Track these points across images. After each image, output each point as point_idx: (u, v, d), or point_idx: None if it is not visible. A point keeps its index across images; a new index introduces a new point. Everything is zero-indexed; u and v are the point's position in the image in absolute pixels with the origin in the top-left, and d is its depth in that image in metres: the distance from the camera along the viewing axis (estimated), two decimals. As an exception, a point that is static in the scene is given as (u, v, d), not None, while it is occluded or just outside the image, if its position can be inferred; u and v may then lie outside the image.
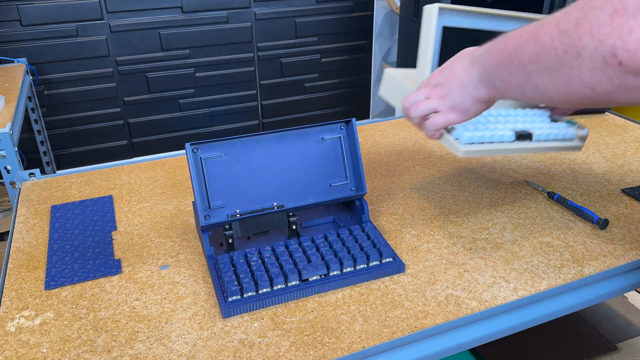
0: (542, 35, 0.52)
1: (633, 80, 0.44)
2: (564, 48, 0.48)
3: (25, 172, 1.01)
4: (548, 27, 0.51)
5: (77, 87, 2.17)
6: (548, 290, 0.68)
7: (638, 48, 0.41)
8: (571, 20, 0.48)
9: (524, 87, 0.56)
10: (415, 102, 0.71)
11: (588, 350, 1.12)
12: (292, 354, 0.59)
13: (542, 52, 0.52)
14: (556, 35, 0.49)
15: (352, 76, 2.59)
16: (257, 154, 0.74)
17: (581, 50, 0.46)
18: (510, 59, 0.57)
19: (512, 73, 0.57)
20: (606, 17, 0.43)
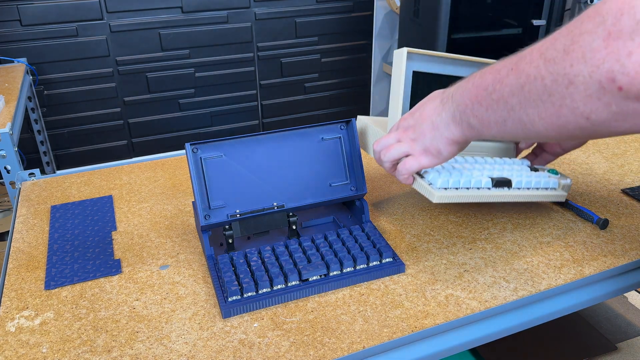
0: (524, 67, 0.49)
1: (633, 105, 0.41)
2: (552, 77, 0.46)
3: (25, 172, 1.01)
4: (531, 58, 0.49)
5: (77, 87, 2.17)
6: (548, 290, 0.68)
7: (639, 71, 0.39)
8: (558, 47, 0.45)
9: (506, 122, 0.53)
10: (386, 145, 0.69)
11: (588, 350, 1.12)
12: (292, 354, 0.59)
13: (526, 84, 0.49)
14: (542, 65, 0.47)
15: (352, 76, 2.59)
16: (257, 154, 0.74)
17: (573, 78, 0.44)
18: (488, 94, 0.54)
19: (490, 109, 0.55)
20: (600, 41, 0.41)
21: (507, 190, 0.76)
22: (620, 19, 0.40)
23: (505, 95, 0.52)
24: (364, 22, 2.48)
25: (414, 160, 0.67)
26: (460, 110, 0.59)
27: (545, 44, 0.48)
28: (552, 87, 0.46)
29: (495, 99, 0.53)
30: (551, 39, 0.47)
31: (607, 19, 0.41)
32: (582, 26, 0.43)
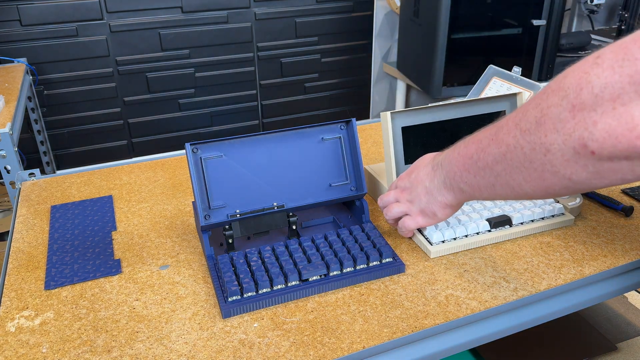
0: (503, 137, 0.53)
1: (607, 164, 0.44)
2: (530, 146, 0.49)
3: (25, 172, 1.01)
4: (508, 128, 0.52)
5: (77, 87, 2.16)
6: (548, 290, 0.68)
7: (606, 137, 0.42)
8: (530, 119, 0.49)
9: (495, 186, 0.56)
10: (387, 204, 0.75)
11: (588, 350, 1.12)
12: (292, 354, 0.59)
13: (507, 152, 0.52)
14: (519, 135, 0.50)
15: (352, 76, 2.59)
16: (257, 154, 0.74)
17: (549, 146, 0.47)
18: (474, 162, 0.58)
19: (478, 175, 0.58)
20: (566, 113, 0.45)
21: (508, 229, 0.77)
22: (580, 93, 0.43)
23: (489, 163, 0.55)
24: (364, 22, 2.48)
25: (411, 220, 0.72)
26: (450, 177, 0.63)
27: (519, 115, 0.51)
28: (532, 155, 0.49)
29: (481, 166, 0.57)
30: (523, 111, 0.51)
31: (569, 93, 0.45)
32: (548, 99, 0.47)
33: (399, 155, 0.80)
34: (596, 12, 2.25)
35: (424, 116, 0.81)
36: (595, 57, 0.43)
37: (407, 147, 0.81)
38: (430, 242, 0.75)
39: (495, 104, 0.84)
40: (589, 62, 0.44)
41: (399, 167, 0.81)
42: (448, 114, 0.82)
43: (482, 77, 1.10)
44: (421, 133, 0.81)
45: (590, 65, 0.44)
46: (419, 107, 0.80)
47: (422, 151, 0.81)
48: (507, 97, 0.84)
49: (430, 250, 0.74)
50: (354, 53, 2.54)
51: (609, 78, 0.42)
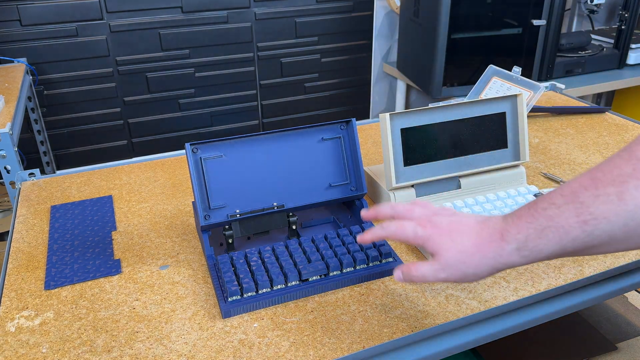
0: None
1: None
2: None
3: (25, 172, 1.01)
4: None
5: (77, 87, 2.16)
6: (548, 290, 0.68)
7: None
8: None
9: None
10: (401, 214, 0.59)
11: (588, 350, 1.12)
12: (292, 354, 0.59)
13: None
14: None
15: (352, 76, 2.59)
16: (257, 154, 0.74)
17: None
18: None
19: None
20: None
21: None
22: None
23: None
24: (364, 22, 2.48)
25: (429, 268, 0.54)
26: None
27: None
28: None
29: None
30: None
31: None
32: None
33: (397, 157, 0.80)
34: (596, 12, 2.25)
35: (423, 118, 0.81)
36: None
37: (406, 148, 0.81)
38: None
39: (495, 105, 0.84)
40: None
41: (398, 169, 0.81)
42: (447, 116, 0.82)
43: (482, 77, 1.10)
44: (420, 135, 0.81)
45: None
46: (418, 109, 0.80)
47: (422, 153, 0.81)
48: (507, 99, 0.84)
49: None
50: (354, 53, 2.53)
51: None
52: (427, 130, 0.81)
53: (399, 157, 0.81)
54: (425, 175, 0.82)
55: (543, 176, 0.96)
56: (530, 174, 0.97)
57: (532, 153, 1.05)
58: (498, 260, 0.50)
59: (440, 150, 0.82)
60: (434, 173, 0.83)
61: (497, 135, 0.85)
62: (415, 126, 0.80)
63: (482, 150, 0.85)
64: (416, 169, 0.82)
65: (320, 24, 2.42)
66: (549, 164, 1.00)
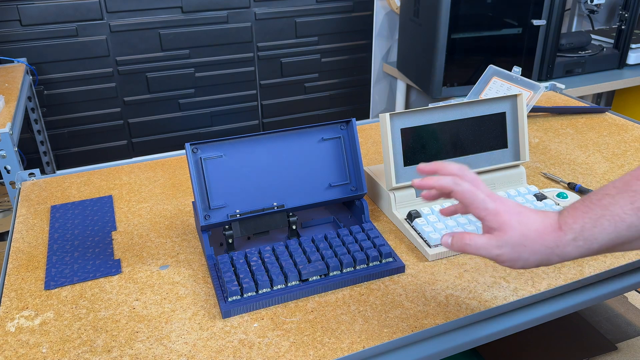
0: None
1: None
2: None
3: (25, 172, 1.01)
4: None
5: (77, 87, 2.16)
6: (548, 290, 0.68)
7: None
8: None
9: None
10: (474, 190, 0.56)
11: (588, 350, 1.12)
12: (292, 354, 0.59)
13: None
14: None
15: (352, 76, 2.59)
16: (257, 154, 0.74)
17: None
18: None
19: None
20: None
21: None
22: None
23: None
24: (364, 22, 2.48)
25: (487, 245, 0.54)
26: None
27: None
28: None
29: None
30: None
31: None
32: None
33: (397, 156, 0.80)
34: (596, 12, 2.25)
35: (423, 118, 0.81)
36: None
37: (406, 148, 0.81)
38: (429, 245, 0.75)
39: (495, 106, 0.84)
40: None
41: (398, 169, 0.81)
42: (447, 116, 0.82)
43: (482, 77, 1.10)
44: (420, 135, 0.81)
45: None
46: (418, 109, 0.80)
47: (421, 153, 0.81)
48: (507, 99, 0.84)
49: (428, 253, 0.74)
50: (354, 53, 2.53)
51: None
52: (427, 130, 0.81)
53: (399, 157, 0.81)
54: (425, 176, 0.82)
55: (543, 176, 0.96)
56: (530, 174, 0.97)
57: (532, 153, 1.05)
58: (554, 251, 0.51)
59: (440, 150, 0.82)
60: None
61: (497, 135, 0.85)
62: (415, 126, 0.80)
63: (482, 150, 0.85)
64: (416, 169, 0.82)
65: (320, 24, 2.42)
66: (549, 164, 1.00)
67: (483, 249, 0.54)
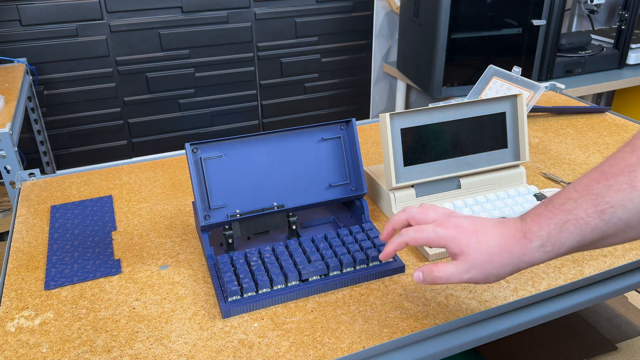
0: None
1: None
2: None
3: (25, 172, 1.01)
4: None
5: (77, 87, 2.16)
6: (548, 290, 0.68)
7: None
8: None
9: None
10: (418, 219, 0.59)
11: (588, 350, 1.12)
12: (292, 354, 0.59)
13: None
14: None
15: (352, 76, 2.59)
16: (257, 154, 0.74)
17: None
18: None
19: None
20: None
21: None
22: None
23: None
24: (364, 22, 2.48)
25: (452, 269, 0.54)
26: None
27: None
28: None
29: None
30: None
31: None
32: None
33: (397, 157, 0.81)
34: (596, 12, 2.25)
35: (423, 118, 0.81)
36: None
37: (406, 148, 0.81)
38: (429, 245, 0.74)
39: (495, 106, 0.84)
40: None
41: (398, 169, 0.81)
42: (447, 116, 0.82)
43: (482, 77, 1.10)
44: (420, 135, 0.81)
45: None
46: (418, 109, 0.80)
47: (421, 153, 0.81)
48: (507, 99, 0.84)
49: (428, 253, 0.74)
50: (354, 53, 2.53)
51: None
52: (427, 130, 0.81)
53: (399, 157, 0.81)
54: (425, 175, 0.82)
55: (543, 176, 0.96)
56: (530, 174, 0.97)
57: (532, 153, 1.05)
58: (522, 259, 0.51)
59: (440, 150, 0.82)
60: (434, 173, 0.83)
61: (497, 135, 0.85)
62: (415, 126, 0.80)
63: (482, 150, 0.85)
64: (416, 169, 0.82)
65: (320, 24, 2.42)
66: (549, 164, 1.00)
67: (453, 276, 0.54)
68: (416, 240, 0.57)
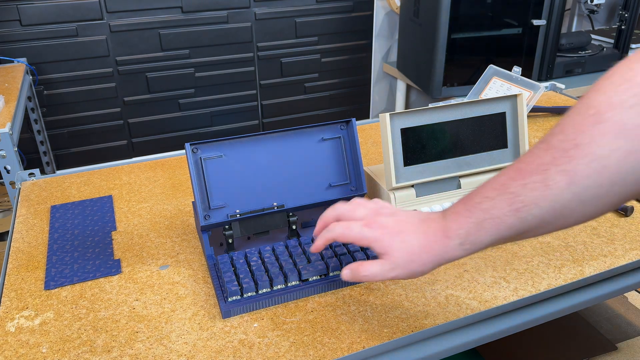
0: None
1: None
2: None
3: (25, 172, 1.01)
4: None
5: (77, 87, 2.16)
6: (548, 290, 0.68)
7: None
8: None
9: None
10: (348, 216, 0.60)
11: (588, 350, 1.12)
12: (292, 354, 0.59)
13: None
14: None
15: (352, 76, 2.59)
16: (257, 154, 0.74)
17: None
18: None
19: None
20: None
21: None
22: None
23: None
24: (364, 22, 2.48)
25: (377, 267, 0.56)
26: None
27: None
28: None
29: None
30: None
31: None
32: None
33: (397, 157, 0.81)
34: (596, 12, 2.25)
35: (423, 118, 0.81)
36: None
37: (406, 148, 0.81)
38: None
39: (495, 106, 0.84)
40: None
41: (398, 169, 0.81)
42: (447, 116, 0.82)
43: (482, 77, 1.10)
44: (420, 135, 0.81)
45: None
46: (418, 109, 0.80)
47: (421, 152, 0.81)
48: (507, 99, 0.84)
49: None
50: (354, 53, 2.54)
51: None
52: (427, 130, 0.81)
53: (399, 157, 0.81)
54: (425, 175, 0.82)
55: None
56: (530, 174, 0.97)
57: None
58: (443, 257, 0.54)
59: (440, 150, 0.83)
60: (434, 173, 0.83)
61: (497, 135, 0.85)
62: (415, 126, 0.80)
63: (482, 150, 0.85)
64: (416, 169, 0.82)
65: (320, 24, 2.42)
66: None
67: (378, 275, 0.56)
68: (343, 237, 0.58)
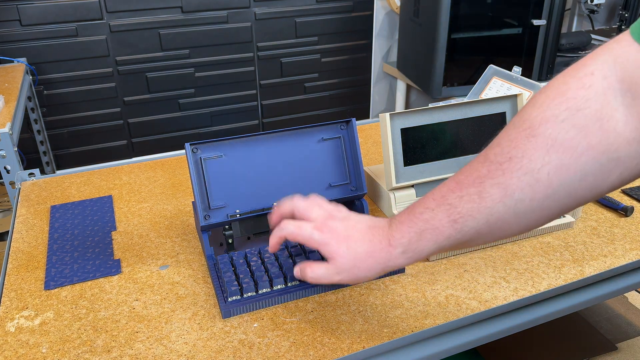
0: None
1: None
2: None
3: (25, 172, 1.01)
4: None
5: (77, 87, 2.16)
6: (548, 290, 0.68)
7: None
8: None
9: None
10: (299, 227, 0.60)
11: (588, 350, 1.12)
12: (292, 354, 0.59)
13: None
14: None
15: (352, 76, 2.59)
16: (257, 154, 0.74)
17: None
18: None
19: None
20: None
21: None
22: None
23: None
24: (364, 22, 2.48)
25: (325, 274, 0.58)
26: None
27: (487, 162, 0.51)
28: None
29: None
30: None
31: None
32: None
33: (397, 156, 0.81)
34: (596, 12, 2.25)
35: (423, 118, 0.81)
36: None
37: (406, 148, 0.81)
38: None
39: (495, 106, 0.84)
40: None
41: (398, 169, 0.81)
42: (447, 116, 0.82)
43: (482, 77, 1.10)
44: (420, 135, 0.81)
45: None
46: (418, 109, 0.80)
47: (422, 153, 0.81)
48: (507, 99, 0.84)
49: None
50: (354, 53, 2.54)
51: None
52: (427, 130, 0.81)
53: (399, 157, 0.81)
54: (425, 175, 0.82)
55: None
56: (530, 174, 0.97)
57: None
58: (386, 264, 0.55)
59: (440, 150, 0.82)
60: (434, 173, 0.83)
61: (497, 135, 0.85)
62: (415, 126, 0.80)
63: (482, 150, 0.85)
64: (416, 169, 0.82)
65: (320, 24, 2.42)
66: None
67: (324, 278, 0.58)
68: (293, 236, 0.60)
